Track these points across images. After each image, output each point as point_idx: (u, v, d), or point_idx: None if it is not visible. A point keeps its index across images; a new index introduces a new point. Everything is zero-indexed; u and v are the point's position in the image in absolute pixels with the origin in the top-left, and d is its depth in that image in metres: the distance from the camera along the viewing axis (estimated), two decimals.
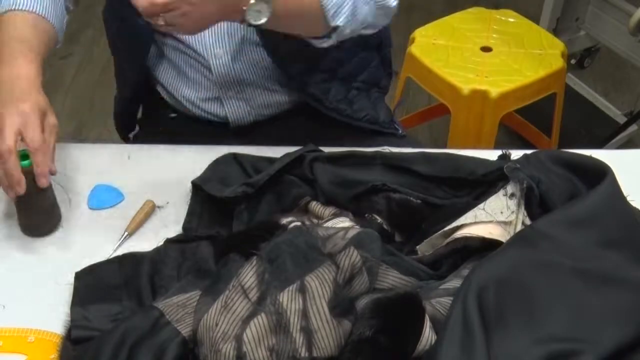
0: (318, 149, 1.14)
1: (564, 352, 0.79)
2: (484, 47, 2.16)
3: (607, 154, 1.15)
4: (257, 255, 0.91)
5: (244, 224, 1.06)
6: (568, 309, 0.83)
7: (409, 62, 2.18)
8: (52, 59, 2.93)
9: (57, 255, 1.06)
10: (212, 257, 1.00)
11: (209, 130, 1.36)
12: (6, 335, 0.95)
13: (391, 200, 1.03)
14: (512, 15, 2.30)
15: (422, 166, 1.07)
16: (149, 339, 0.88)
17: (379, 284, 0.91)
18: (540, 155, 1.03)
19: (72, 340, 0.93)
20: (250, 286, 0.88)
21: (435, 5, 3.18)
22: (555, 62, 2.11)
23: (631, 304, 0.85)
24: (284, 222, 1.00)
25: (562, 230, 0.88)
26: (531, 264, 0.86)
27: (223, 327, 0.86)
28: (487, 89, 2.01)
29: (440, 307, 0.86)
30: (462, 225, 0.97)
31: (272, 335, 0.83)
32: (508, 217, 0.96)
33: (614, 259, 0.88)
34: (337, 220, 1.00)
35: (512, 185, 0.99)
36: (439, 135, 2.55)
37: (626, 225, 0.92)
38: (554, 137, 2.32)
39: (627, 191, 0.97)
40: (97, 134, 2.60)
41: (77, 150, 1.24)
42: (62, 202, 1.12)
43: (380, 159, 1.10)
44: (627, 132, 2.43)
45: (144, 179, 1.18)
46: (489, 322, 0.81)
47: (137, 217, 1.10)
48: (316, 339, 0.82)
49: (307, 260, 0.88)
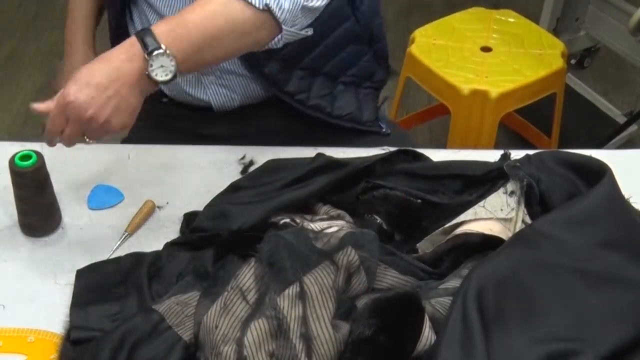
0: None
1: (564, 352, 0.79)
2: (484, 47, 2.16)
3: (607, 154, 1.16)
4: (255, 257, 0.91)
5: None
6: (568, 309, 0.83)
7: (409, 62, 2.18)
8: (52, 59, 2.93)
9: (57, 255, 1.06)
10: (210, 259, 1.00)
11: (198, 115, 1.34)
12: (6, 335, 0.95)
13: (390, 200, 1.03)
14: (512, 15, 2.30)
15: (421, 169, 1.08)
16: (149, 342, 0.89)
17: (377, 284, 0.91)
18: (542, 155, 1.03)
19: (71, 341, 0.93)
20: (249, 287, 0.88)
21: (435, 6, 3.18)
22: (555, 62, 2.11)
23: (631, 304, 0.85)
24: (275, 220, 1.01)
25: (561, 230, 0.88)
26: (531, 263, 0.86)
27: (223, 329, 0.86)
28: (487, 89, 2.01)
29: (439, 307, 0.86)
30: (462, 222, 0.97)
31: (272, 340, 0.83)
32: (508, 214, 0.96)
33: (614, 259, 0.88)
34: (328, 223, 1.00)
35: (512, 183, 0.99)
36: (439, 136, 2.55)
37: (625, 225, 0.92)
38: (554, 137, 2.32)
39: (628, 191, 0.97)
40: None
41: (77, 150, 1.24)
42: (62, 202, 1.12)
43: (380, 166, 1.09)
44: (627, 132, 2.42)
45: (144, 179, 1.18)
46: (489, 322, 0.81)
47: (137, 217, 1.10)
48: (316, 346, 0.82)
49: (305, 260, 0.88)
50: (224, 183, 1.13)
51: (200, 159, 1.22)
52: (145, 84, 1.00)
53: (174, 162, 1.21)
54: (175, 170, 1.20)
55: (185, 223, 1.10)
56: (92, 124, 0.97)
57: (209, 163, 1.21)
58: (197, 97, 1.31)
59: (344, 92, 1.35)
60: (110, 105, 0.97)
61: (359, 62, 1.35)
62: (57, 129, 0.99)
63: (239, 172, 1.19)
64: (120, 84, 0.97)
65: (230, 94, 1.31)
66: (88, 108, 0.96)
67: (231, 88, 1.30)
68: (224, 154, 1.22)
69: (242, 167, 1.20)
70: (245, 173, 1.18)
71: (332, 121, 1.33)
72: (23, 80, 2.83)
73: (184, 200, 1.14)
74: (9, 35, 3.06)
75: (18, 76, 2.85)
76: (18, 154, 1.03)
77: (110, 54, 1.00)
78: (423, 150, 1.14)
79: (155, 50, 0.97)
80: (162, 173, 1.19)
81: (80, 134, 0.99)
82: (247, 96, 1.32)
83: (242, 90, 1.30)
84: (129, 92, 0.98)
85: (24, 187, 1.05)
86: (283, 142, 1.24)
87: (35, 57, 2.95)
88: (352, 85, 1.36)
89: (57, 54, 2.97)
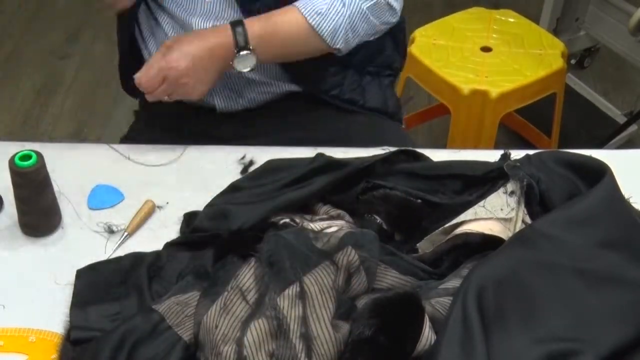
0: None
1: (564, 352, 0.79)
2: (484, 47, 2.16)
3: (607, 154, 1.16)
4: (255, 257, 0.91)
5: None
6: (567, 309, 0.83)
7: (409, 62, 2.17)
8: (52, 59, 2.93)
9: (57, 255, 1.06)
10: (210, 259, 1.00)
11: (200, 115, 1.36)
12: (7, 335, 0.95)
13: (390, 200, 1.03)
14: (512, 15, 2.30)
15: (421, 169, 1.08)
16: (149, 342, 0.89)
17: (377, 284, 0.91)
18: (542, 155, 1.03)
19: (71, 341, 0.93)
20: (249, 287, 0.88)
21: (435, 6, 3.18)
22: (555, 62, 2.11)
23: (631, 304, 0.85)
24: (275, 220, 1.01)
25: (561, 230, 0.89)
26: (531, 263, 0.86)
27: (223, 329, 0.86)
28: (487, 89, 2.01)
29: (439, 307, 0.86)
30: (462, 222, 0.97)
31: (272, 340, 0.83)
32: (508, 214, 0.96)
33: (614, 259, 0.88)
34: (328, 223, 1.00)
35: (512, 183, 0.99)
36: (439, 136, 2.55)
37: (625, 225, 0.92)
38: (554, 137, 2.32)
39: (628, 191, 0.97)
40: (97, 134, 2.60)
41: (77, 150, 1.24)
42: (62, 202, 1.12)
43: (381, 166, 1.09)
44: (627, 132, 2.42)
45: (144, 179, 1.18)
46: (489, 322, 0.81)
47: (137, 217, 1.10)
48: (316, 346, 0.82)
49: (305, 260, 0.88)
50: (224, 183, 1.13)
51: (200, 159, 1.22)
52: (227, 68, 1.20)
53: (174, 162, 1.21)
54: (175, 170, 1.20)
55: (185, 223, 1.10)
56: (181, 89, 1.18)
57: (209, 163, 1.21)
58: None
59: (371, 83, 1.39)
60: (199, 77, 1.17)
61: (384, 52, 1.39)
62: (153, 86, 1.17)
63: (239, 172, 1.19)
64: (210, 63, 1.17)
65: (235, 97, 1.33)
66: (184, 75, 1.16)
67: (238, 92, 1.32)
68: (224, 154, 1.22)
69: (242, 167, 1.20)
70: (245, 173, 1.18)
71: (366, 113, 1.38)
72: (23, 80, 2.83)
73: (184, 200, 1.14)
74: (9, 35, 3.06)
75: (18, 76, 2.85)
76: (18, 154, 1.03)
77: (206, 34, 1.18)
78: (423, 150, 1.14)
79: (244, 50, 1.17)
80: (162, 173, 1.19)
81: (167, 94, 1.19)
82: (251, 100, 1.34)
83: (254, 94, 1.33)
84: (214, 70, 1.19)
85: (24, 187, 1.05)
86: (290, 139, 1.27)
87: (35, 57, 2.95)
88: (377, 75, 1.40)
89: (57, 54, 2.97)
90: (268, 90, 1.33)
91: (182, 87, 1.17)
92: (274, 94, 1.34)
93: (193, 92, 1.19)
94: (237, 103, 1.34)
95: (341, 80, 1.34)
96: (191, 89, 1.18)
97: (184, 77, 1.16)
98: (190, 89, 1.18)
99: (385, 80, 1.43)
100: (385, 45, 1.39)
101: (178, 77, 1.16)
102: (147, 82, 1.17)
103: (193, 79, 1.16)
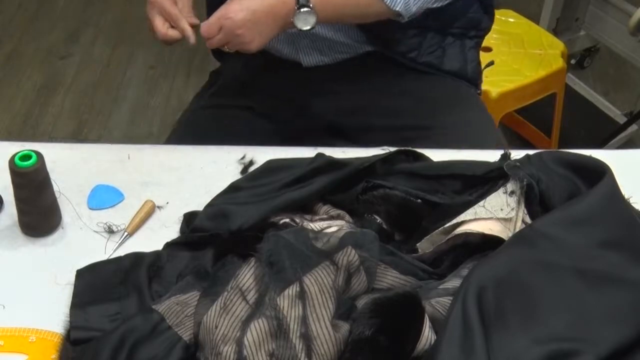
0: None
1: (564, 352, 0.79)
2: (484, 47, 2.16)
3: (607, 154, 1.16)
4: (255, 257, 0.91)
5: None
6: (568, 309, 0.83)
7: None
8: (52, 59, 2.93)
9: (57, 255, 1.06)
10: (210, 259, 1.00)
11: (281, 72, 1.42)
12: (7, 335, 0.95)
13: (390, 200, 1.03)
14: (512, 15, 2.30)
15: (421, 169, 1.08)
16: (149, 342, 0.88)
17: (377, 284, 0.91)
18: (542, 155, 1.03)
19: (71, 341, 0.93)
20: (249, 287, 0.88)
21: None
22: (555, 62, 2.11)
23: (631, 304, 0.85)
24: (275, 220, 1.01)
25: (561, 230, 0.89)
26: (530, 263, 0.86)
27: (223, 329, 0.86)
28: (487, 89, 2.01)
29: (439, 307, 0.86)
30: (462, 222, 0.97)
31: (272, 340, 0.83)
32: (508, 214, 0.96)
33: (614, 259, 0.88)
34: (328, 223, 1.00)
35: (512, 183, 0.99)
36: None
37: (625, 225, 0.92)
38: (553, 137, 2.32)
39: (628, 191, 0.97)
40: (97, 134, 2.60)
41: (77, 150, 1.24)
42: (62, 202, 1.12)
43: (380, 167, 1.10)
44: (627, 132, 2.42)
45: (144, 179, 1.18)
46: (489, 322, 0.81)
47: (137, 217, 1.10)
48: (316, 346, 0.82)
49: (305, 260, 0.88)
50: (224, 183, 1.13)
51: (200, 159, 1.22)
52: (286, 25, 1.20)
53: (174, 162, 1.21)
54: (175, 170, 1.20)
55: (185, 223, 1.10)
56: (237, 40, 1.18)
57: (209, 163, 1.21)
58: (285, 54, 1.40)
59: (453, 44, 1.41)
60: (256, 30, 1.17)
61: (468, 13, 1.40)
62: (210, 33, 1.18)
63: (239, 172, 1.19)
64: (270, 18, 1.18)
65: (320, 57, 1.39)
66: (241, 27, 1.16)
67: (323, 51, 1.38)
68: (224, 154, 1.22)
69: (242, 167, 1.20)
70: (245, 173, 1.18)
71: (442, 76, 1.40)
72: (23, 80, 2.83)
73: (184, 200, 1.14)
74: (9, 35, 3.06)
75: (18, 76, 2.85)
76: (18, 154, 1.03)
77: None
78: (423, 150, 1.14)
79: (305, 7, 1.18)
80: (162, 173, 1.19)
81: (224, 43, 1.20)
82: (343, 53, 1.39)
83: (337, 53, 1.39)
84: (273, 25, 1.19)
85: (24, 187, 1.05)
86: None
87: (35, 57, 2.95)
88: (460, 37, 1.41)
89: (57, 54, 2.97)
90: (347, 51, 1.38)
91: (238, 38, 1.18)
92: (354, 54, 1.38)
93: (249, 44, 1.19)
94: (320, 62, 1.39)
95: (419, 43, 1.36)
96: (247, 41, 1.18)
97: (239, 28, 1.16)
98: (247, 41, 1.18)
99: (470, 42, 1.43)
100: (469, 7, 1.40)
101: (234, 28, 1.16)
102: (206, 28, 1.18)
103: (250, 32, 1.17)
